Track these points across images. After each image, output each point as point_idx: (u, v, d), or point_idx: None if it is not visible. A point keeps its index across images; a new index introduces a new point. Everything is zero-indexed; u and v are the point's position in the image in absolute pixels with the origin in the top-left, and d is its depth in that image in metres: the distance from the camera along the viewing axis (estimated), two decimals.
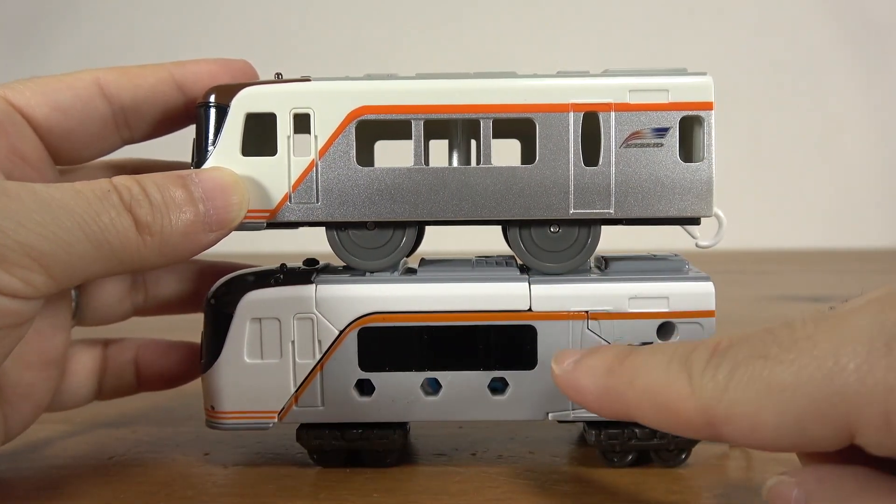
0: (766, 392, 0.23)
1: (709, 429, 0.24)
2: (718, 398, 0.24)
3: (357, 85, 0.36)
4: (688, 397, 0.24)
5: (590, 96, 0.36)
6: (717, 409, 0.24)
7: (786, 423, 0.23)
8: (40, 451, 0.41)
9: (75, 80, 0.36)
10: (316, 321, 0.36)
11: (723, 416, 0.24)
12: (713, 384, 0.24)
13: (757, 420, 0.23)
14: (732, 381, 0.24)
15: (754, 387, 0.23)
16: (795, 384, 0.22)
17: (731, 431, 0.24)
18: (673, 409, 0.25)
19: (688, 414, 0.24)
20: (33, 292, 0.30)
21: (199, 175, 0.33)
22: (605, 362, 0.28)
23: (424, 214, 0.36)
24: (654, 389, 0.26)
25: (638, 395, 0.26)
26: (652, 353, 0.27)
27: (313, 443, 0.37)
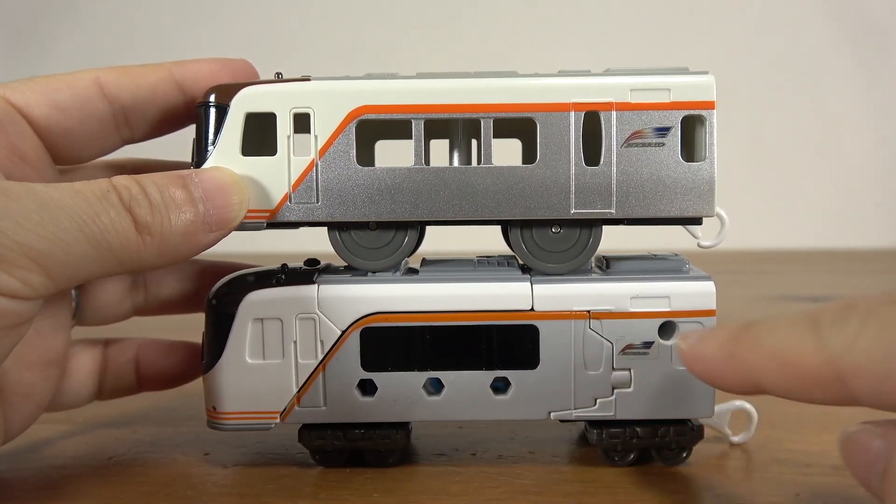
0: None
1: (837, 385, 0.23)
2: (848, 348, 0.23)
3: (357, 84, 0.36)
4: (814, 352, 0.23)
5: (591, 96, 0.35)
6: (846, 361, 0.23)
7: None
8: (40, 451, 0.41)
9: (75, 79, 0.36)
10: (318, 321, 0.36)
11: (852, 368, 0.22)
12: (841, 336, 0.23)
13: (887, 368, 0.22)
14: (863, 331, 0.23)
15: (886, 334, 0.22)
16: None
17: (861, 384, 0.22)
18: (798, 366, 0.24)
19: (815, 369, 0.23)
20: (32, 293, 0.29)
21: (198, 175, 0.33)
22: (730, 332, 0.27)
23: (425, 214, 0.36)
24: (780, 348, 0.25)
25: (763, 358, 0.25)
26: (777, 318, 0.26)
27: (315, 443, 0.37)
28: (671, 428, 0.37)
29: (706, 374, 0.28)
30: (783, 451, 0.40)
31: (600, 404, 0.37)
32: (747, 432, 0.40)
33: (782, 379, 0.25)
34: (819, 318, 0.24)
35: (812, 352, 0.24)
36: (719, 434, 0.40)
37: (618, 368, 0.36)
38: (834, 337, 0.23)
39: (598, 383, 0.37)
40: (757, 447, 0.40)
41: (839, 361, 0.23)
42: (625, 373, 0.36)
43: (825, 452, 0.39)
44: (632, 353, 0.36)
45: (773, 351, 0.25)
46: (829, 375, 0.23)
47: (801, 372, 0.24)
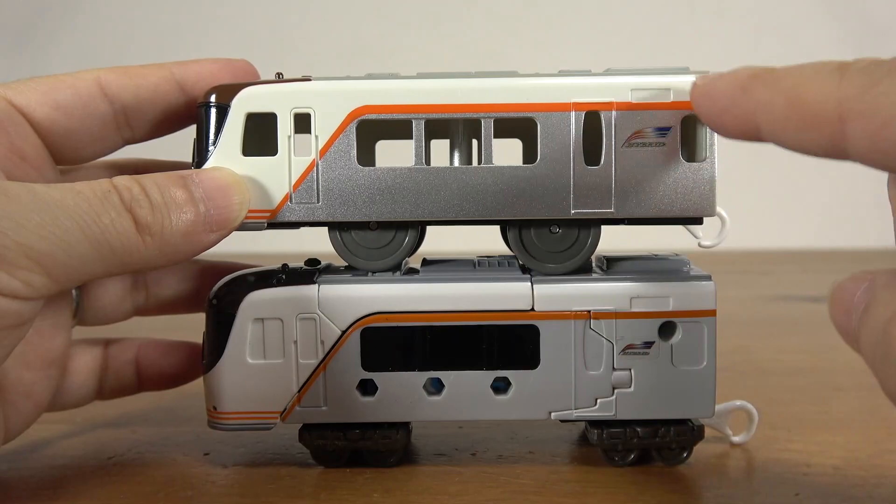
0: None
1: (837, 125, 0.23)
2: (864, 91, 0.22)
3: (358, 84, 0.36)
4: (832, 90, 0.23)
5: (591, 95, 0.35)
6: (856, 101, 0.23)
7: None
8: (40, 451, 0.41)
9: (76, 79, 0.36)
10: (318, 321, 0.36)
11: (858, 109, 0.22)
12: (865, 78, 0.23)
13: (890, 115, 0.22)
14: (888, 78, 0.22)
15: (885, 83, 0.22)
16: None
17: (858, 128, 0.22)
18: (807, 102, 0.24)
19: (823, 105, 0.23)
20: (33, 293, 0.29)
21: (199, 175, 0.33)
22: (751, 70, 0.27)
23: (425, 214, 0.36)
24: (798, 84, 0.24)
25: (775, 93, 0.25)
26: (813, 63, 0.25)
27: (316, 443, 0.37)
28: (671, 428, 0.37)
29: (711, 109, 0.27)
30: (783, 451, 0.40)
31: (601, 404, 0.37)
32: (747, 432, 0.40)
33: (784, 115, 0.25)
34: (850, 63, 0.24)
35: (829, 89, 0.23)
36: (719, 434, 0.40)
37: (618, 368, 0.36)
38: (856, 78, 0.23)
39: (598, 383, 0.37)
40: (757, 447, 0.40)
41: (849, 102, 0.23)
42: (625, 373, 0.36)
43: (825, 452, 0.39)
44: (632, 353, 0.36)
45: (788, 87, 0.25)
46: (832, 114, 0.23)
47: (807, 108, 0.24)
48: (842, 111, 0.23)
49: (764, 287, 0.92)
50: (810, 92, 0.24)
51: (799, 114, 0.24)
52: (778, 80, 0.25)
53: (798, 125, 0.24)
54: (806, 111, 0.24)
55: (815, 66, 0.25)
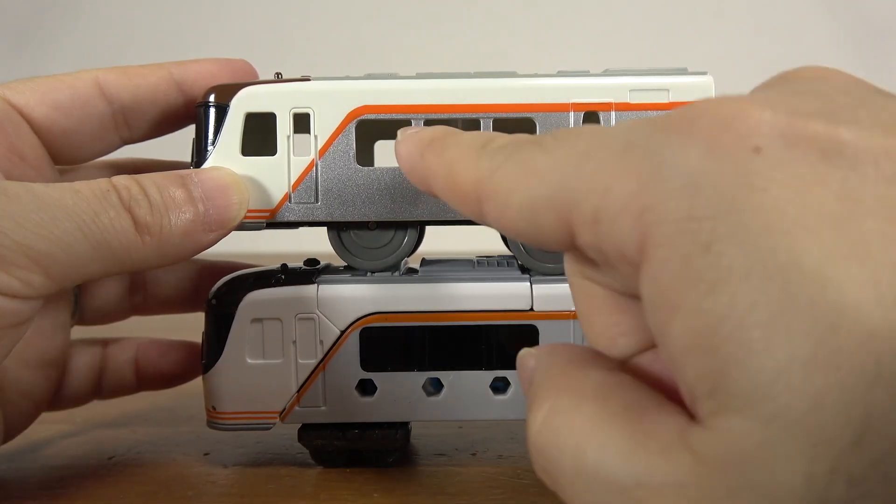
0: (523, 174, 0.23)
1: (476, 204, 0.24)
2: (491, 174, 0.24)
3: (357, 84, 0.36)
4: (472, 170, 0.24)
5: (590, 96, 0.35)
6: (486, 184, 0.24)
7: (525, 206, 0.22)
8: (40, 451, 0.41)
9: (75, 79, 0.36)
10: (318, 321, 0.36)
11: (487, 192, 0.24)
12: (492, 162, 0.24)
13: (508, 199, 0.23)
14: (507, 162, 0.23)
15: (518, 168, 0.23)
16: (542, 171, 0.22)
17: (489, 209, 0.24)
18: (455, 182, 0.25)
19: (465, 185, 0.24)
20: (32, 292, 0.29)
21: (198, 175, 0.33)
22: (432, 134, 0.27)
23: (425, 214, 0.36)
24: (454, 160, 0.25)
25: (440, 166, 0.26)
26: (472, 133, 0.27)
27: (315, 443, 0.37)
28: None
29: (402, 167, 0.28)
30: None
31: None
32: None
33: (445, 188, 0.26)
34: (492, 142, 0.25)
35: (470, 169, 0.24)
36: None
37: None
38: (488, 161, 0.24)
39: None
40: None
41: (481, 185, 0.24)
42: None
43: None
44: None
45: (448, 162, 0.26)
46: (472, 194, 0.24)
47: (455, 184, 0.25)
48: (478, 193, 0.24)
49: None
50: (458, 168, 0.25)
51: (452, 191, 0.25)
52: (444, 151, 0.26)
53: (455, 200, 0.25)
54: (455, 188, 0.25)
55: (466, 139, 0.26)
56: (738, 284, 0.17)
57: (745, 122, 0.19)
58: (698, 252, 0.18)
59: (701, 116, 0.20)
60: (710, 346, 0.17)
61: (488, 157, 0.24)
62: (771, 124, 0.19)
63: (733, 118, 0.19)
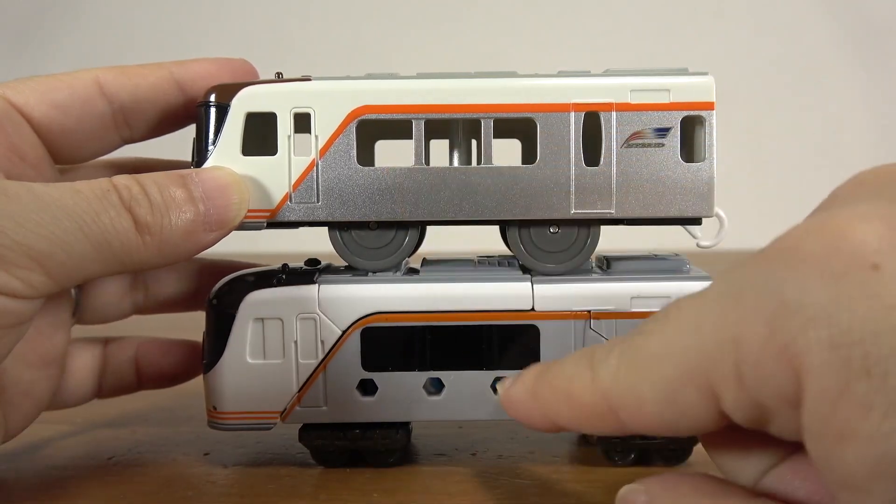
0: (644, 365, 0.23)
1: (612, 415, 0.24)
2: (614, 379, 0.23)
3: (358, 84, 0.36)
4: (591, 386, 0.24)
5: (591, 96, 0.35)
6: (614, 392, 0.23)
7: (660, 395, 0.22)
8: (40, 451, 0.41)
9: (74, 79, 0.36)
10: (318, 321, 0.36)
11: (618, 399, 0.23)
12: (606, 369, 0.24)
13: (641, 395, 0.23)
14: (621, 362, 0.23)
15: (637, 362, 0.23)
16: (664, 352, 0.22)
17: (626, 414, 0.23)
18: (579, 402, 0.25)
19: (592, 404, 0.24)
20: (33, 292, 0.29)
21: (199, 174, 0.33)
22: (533, 372, 0.27)
23: (425, 214, 0.36)
24: (566, 385, 0.25)
25: (555, 396, 0.26)
26: (572, 355, 0.27)
27: (316, 443, 0.37)
28: None
29: (519, 416, 0.27)
30: None
31: None
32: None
33: (570, 415, 0.25)
34: (594, 353, 0.25)
35: (589, 387, 0.24)
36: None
37: None
38: (603, 371, 0.24)
39: None
40: None
41: (608, 396, 0.24)
42: None
43: None
44: None
45: (562, 389, 0.25)
46: (604, 409, 0.24)
47: (583, 407, 0.25)
48: (609, 405, 0.24)
49: None
50: (578, 391, 0.25)
51: (581, 414, 0.25)
52: (552, 382, 0.26)
53: (586, 422, 0.25)
54: (584, 411, 0.25)
55: (573, 360, 0.26)
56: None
57: (853, 241, 0.19)
58: (858, 377, 0.18)
59: (806, 243, 0.20)
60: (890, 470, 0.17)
61: (602, 366, 0.24)
62: (881, 238, 0.19)
63: (840, 240, 0.19)
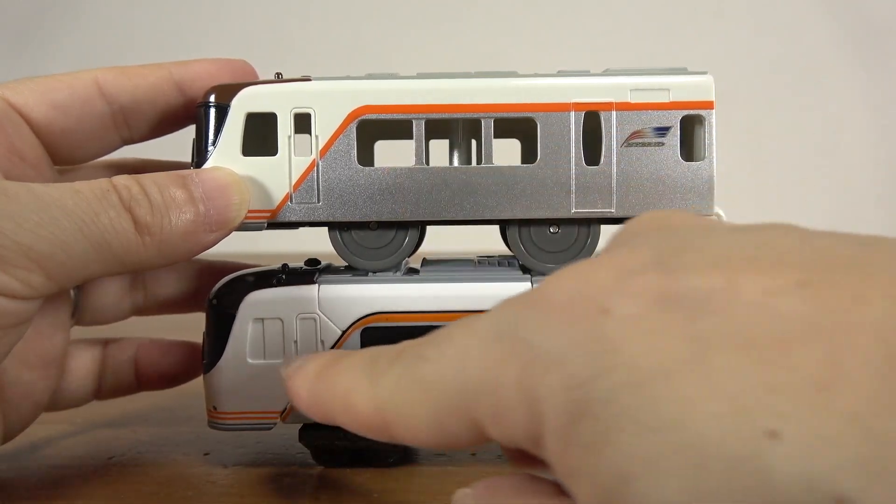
0: (418, 391, 0.23)
1: (385, 430, 0.24)
2: (389, 399, 0.23)
3: (358, 84, 0.36)
4: (369, 399, 0.24)
5: (591, 96, 0.35)
6: (388, 411, 0.23)
7: (431, 420, 0.23)
8: (40, 451, 0.41)
9: (74, 79, 0.36)
10: (319, 321, 0.36)
11: (391, 418, 0.23)
12: (385, 385, 0.24)
13: (412, 419, 0.23)
14: (399, 383, 0.23)
15: (411, 386, 0.23)
16: (434, 381, 0.22)
17: (399, 432, 0.23)
18: (356, 412, 0.24)
19: (368, 416, 0.24)
20: (32, 293, 0.29)
21: (199, 175, 0.33)
22: (317, 366, 0.26)
23: (426, 214, 0.36)
24: (346, 391, 0.25)
25: (333, 400, 0.25)
26: (355, 356, 0.26)
27: (316, 443, 0.37)
28: None
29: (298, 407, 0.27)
30: None
31: None
32: None
33: (346, 419, 0.25)
34: (378, 363, 0.25)
35: (367, 399, 0.24)
36: None
37: None
38: (382, 386, 0.24)
39: None
40: None
41: (383, 412, 0.24)
42: None
43: None
44: None
45: (339, 394, 0.25)
46: (378, 423, 0.24)
47: (358, 416, 0.24)
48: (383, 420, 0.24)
49: None
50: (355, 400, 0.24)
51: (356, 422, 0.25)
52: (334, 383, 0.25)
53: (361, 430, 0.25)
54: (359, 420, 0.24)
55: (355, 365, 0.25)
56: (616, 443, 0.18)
57: (589, 287, 0.20)
58: (578, 419, 0.19)
59: (554, 290, 0.21)
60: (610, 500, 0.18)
61: (381, 380, 0.24)
62: (610, 285, 0.20)
63: (581, 285, 0.20)
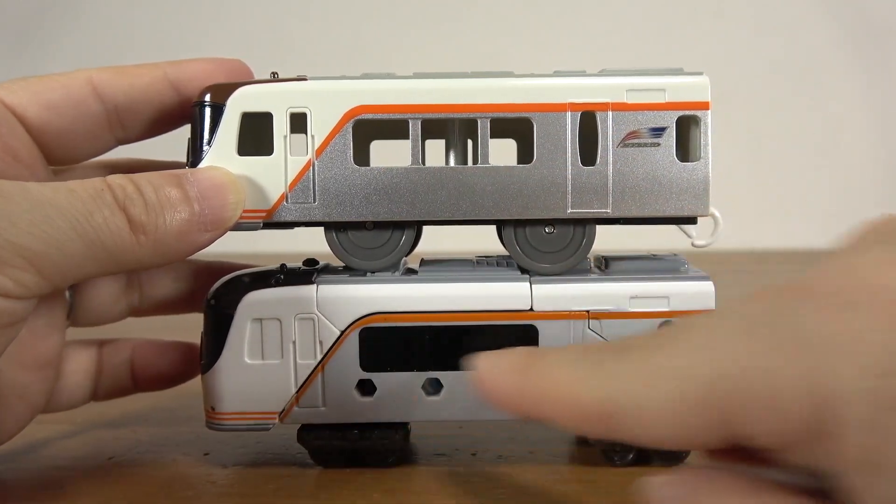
0: (649, 377, 0.22)
1: (603, 420, 0.24)
2: (613, 387, 0.23)
3: (354, 84, 0.36)
4: (592, 389, 0.24)
5: (587, 96, 0.35)
6: (611, 398, 0.23)
7: (670, 413, 0.22)
8: (40, 451, 0.41)
9: (68, 79, 0.36)
10: (317, 321, 0.36)
11: (614, 405, 0.23)
12: (608, 374, 0.24)
13: (640, 406, 0.23)
14: (625, 370, 0.23)
15: (640, 372, 0.23)
16: (674, 368, 0.22)
17: (620, 421, 0.23)
18: (576, 403, 0.24)
19: (590, 407, 0.24)
20: (25, 292, 0.29)
21: (194, 174, 0.33)
22: (518, 361, 0.26)
23: (422, 214, 0.36)
24: (559, 382, 0.25)
25: (542, 391, 0.25)
26: (563, 351, 0.26)
27: (314, 443, 0.37)
28: None
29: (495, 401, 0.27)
30: None
31: None
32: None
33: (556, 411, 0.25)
34: (598, 355, 0.25)
35: (585, 388, 0.24)
36: None
37: None
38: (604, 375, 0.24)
39: None
40: None
41: (605, 401, 0.23)
42: None
43: None
44: None
45: (553, 384, 0.25)
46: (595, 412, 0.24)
47: (573, 407, 0.24)
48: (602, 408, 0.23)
49: None
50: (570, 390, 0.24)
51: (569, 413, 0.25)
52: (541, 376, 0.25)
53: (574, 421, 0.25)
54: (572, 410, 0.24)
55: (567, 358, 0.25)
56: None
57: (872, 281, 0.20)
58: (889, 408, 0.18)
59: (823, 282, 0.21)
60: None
61: (601, 369, 0.24)
62: None
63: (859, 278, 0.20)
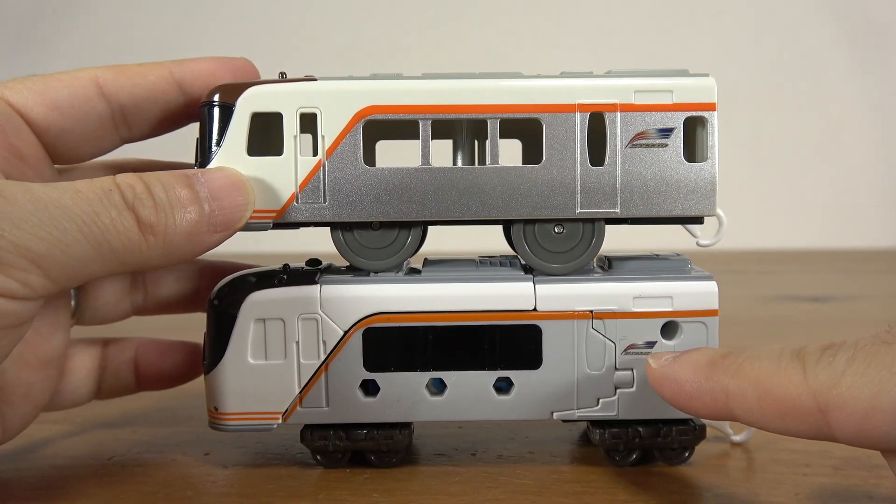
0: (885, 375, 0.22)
1: (818, 416, 0.23)
2: (834, 382, 0.23)
3: (364, 84, 0.36)
4: (800, 383, 0.24)
5: (596, 97, 0.35)
6: (831, 394, 0.23)
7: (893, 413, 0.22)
8: (40, 451, 0.41)
9: (73, 78, 0.36)
10: (320, 321, 0.36)
11: (836, 401, 0.23)
12: (829, 370, 0.23)
13: (871, 405, 0.22)
14: (851, 367, 0.23)
15: (875, 371, 0.22)
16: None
17: (842, 418, 0.23)
18: (781, 396, 0.24)
19: (798, 400, 0.24)
20: (31, 293, 0.29)
21: (204, 175, 0.33)
22: (706, 356, 0.27)
23: (432, 214, 0.36)
24: (763, 377, 0.25)
25: (742, 385, 0.25)
26: (757, 349, 0.27)
27: (318, 443, 0.37)
28: (673, 428, 0.37)
29: (677, 395, 0.28)
30: (783, 451, 0.40)
31: (603, 404, 0.37)
32: (748, 431, 0.40)
33: (760, 406, 0.25)
34: (805, 353, 0.25)
35: (797, 383, 0.24)
36: (720, 434, 0.40)
37: (620, 368, 0.36)
38: (821, 371, 0.24)
39: (600, 383, 0.36)
40: (757, 447, 0.40)
41: (823, 395, 0.24)
42: (627, 373, 0.36)
43: (825, 452, 0.39)
44: (634, 352, 0.36)
45: (756, 379, 0.26)
46: (811, 407, 0.24)
47: (783, 402, 0.25)
48: (822, 404, 0.24)
49: (764, 287, 0.92)
50: (780, 385, 0.25)
51: (775, 409, 0.25)
52: (741, 371, 0.26)
53: (777, 416, 0.25)
54: (783, 406, 0.25)
55: (773, 356, 0.26)
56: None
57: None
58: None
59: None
60: None
61: (819, 366, 0.24)
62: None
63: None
